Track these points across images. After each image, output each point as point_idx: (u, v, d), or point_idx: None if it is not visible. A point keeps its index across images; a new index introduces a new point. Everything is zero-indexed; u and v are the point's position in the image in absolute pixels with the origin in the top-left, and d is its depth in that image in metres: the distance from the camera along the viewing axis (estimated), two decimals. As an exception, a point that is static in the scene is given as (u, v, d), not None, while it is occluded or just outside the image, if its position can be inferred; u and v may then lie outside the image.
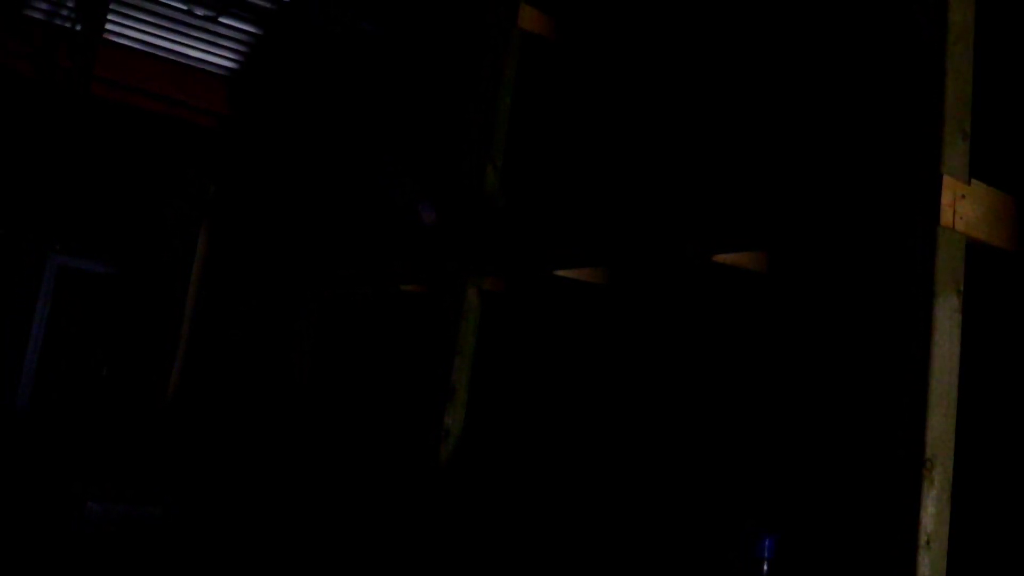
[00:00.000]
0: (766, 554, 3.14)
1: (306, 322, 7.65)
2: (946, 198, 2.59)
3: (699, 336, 3.93)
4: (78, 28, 8.40)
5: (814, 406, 3.34)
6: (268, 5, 8.39)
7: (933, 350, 2.51)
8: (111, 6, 8.33)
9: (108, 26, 8.62)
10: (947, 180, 2.60)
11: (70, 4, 8.35)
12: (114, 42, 8.92)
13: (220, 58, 9.33)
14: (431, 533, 4.74)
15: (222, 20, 8.62)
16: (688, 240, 3.53)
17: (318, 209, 7.90)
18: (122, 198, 10.47)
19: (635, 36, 4.67)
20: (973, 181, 2.68)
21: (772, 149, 3.59)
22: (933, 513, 2.42)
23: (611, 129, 4.65)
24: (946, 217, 2.58)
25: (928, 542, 2.39)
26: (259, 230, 9.11)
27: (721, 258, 3.31)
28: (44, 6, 8.45)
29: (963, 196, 2.63)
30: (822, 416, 3.29)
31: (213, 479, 7.91)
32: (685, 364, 3.96)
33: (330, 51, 7.99)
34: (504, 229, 4.85)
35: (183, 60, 9.29)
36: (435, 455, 4.78)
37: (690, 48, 4.24)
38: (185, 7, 8.38)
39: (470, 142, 5.52)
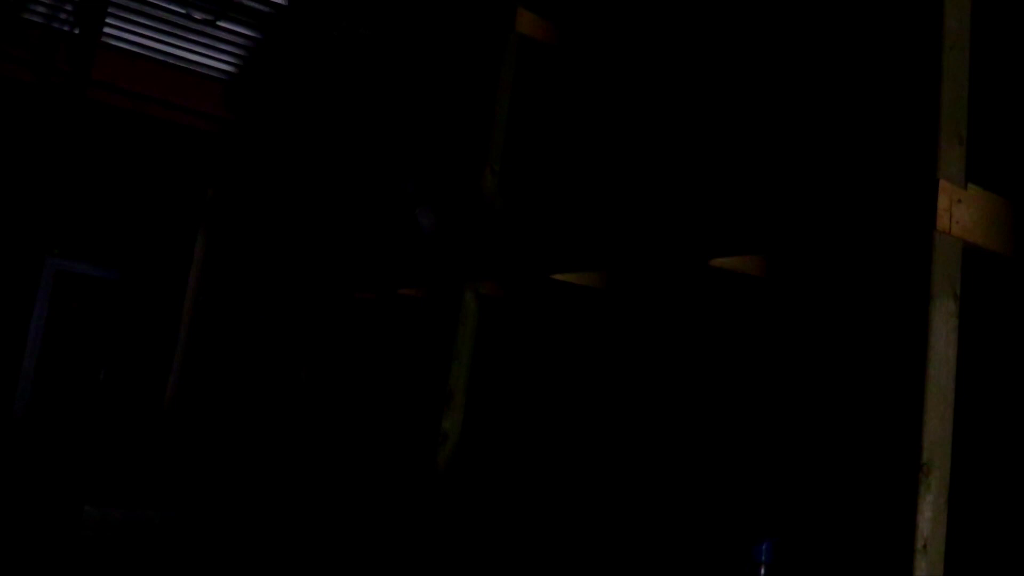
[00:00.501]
0: (763, 558, 3.14)
1: (304, 326, 7.65)
2: (942, 202, 2.60)
3: (697, 340, 3.94)
4: (76, 31, 8.41)
5: (811, 410, 3.34)
6: (266, 9, 8.40)
7: (930, 354, 2.52)
8: (109, 10, 8.33)
9: (106, 29, 8.63)
10: (943, 184, 2.61)
11: (68, 7, 8.36)
12: (112, 45, 8.93)
13: (218, 62, 9.34)
14: (429, 537, 4.73)
15: (220, 24, 8.63)
16: (686, 244, 3.53)
17: (316, 213, 7.90)
18: (120, 202, 10.47)
19: (633, 41, 4.68)
20: (970, 185, 2.68)
21: (770, 154, 3.60)
22: (930, 517, 2.43)
23: (609, 133, 4.66)
24: (942, 221, 2.59)
25: (925, 546, 2.40)
26: (257, 234, 9.11)
27: (719, 262, 3.32)
28: (42, 9, 8.45)
29: (959, 200, 2.64)
30: (819, 420, 3.29)
31: (211, 483, 7.90)
32: (683, 368, 3.96)
33: (328, 55, 8.00)
34: (502, 233, 4.86)
35: (181, 64, 9.30)
36: (433, 459, 4.78)
37: (688, 53, 4.25)
38: (183, 11, 8.38)
39: (468, 146, 5.53)
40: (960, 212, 2.63)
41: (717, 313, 3.86)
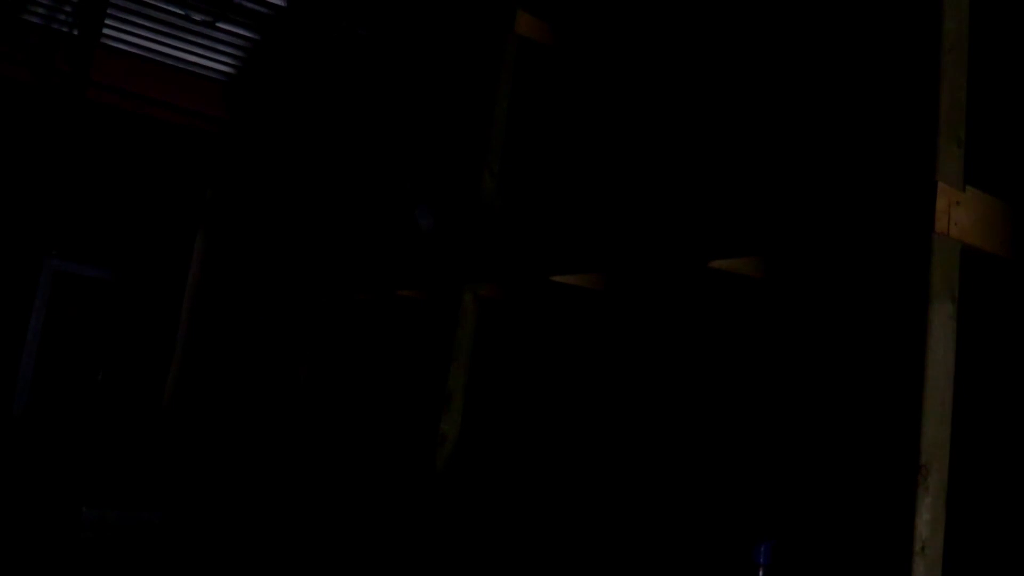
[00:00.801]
0: (762, 559, 3.14)
1: (303, 327, 7.64)
2: (941, 204, 2.60)
3: (695, 342, 3.94)
4: (75, 33, 8.41)
5: (810, 411, 3.34)
6: (265, 11, 8.40)
7: (928, 356, 2.52)
8: (109, 11, 8.33)
9: (105, 31, 8.63)
10: (942, 187, 2.61)
11: (68, 8, 8.36)
12: (111, 47, 8.93)
13: (217, 63, 9.34)
14: (428, 538, 4.73)
15: (219, 25, 8.63)
16: (685, 246, 3.54)
17: (315, 214, 7.90)
18: (119, 203, 10.46)
19: (632, 42, 4.69)
20: (968, 188, 2.69)
21: (769, 156, 3.60)
22: (928, 519, 2.43)
23: (608, 135, 4.66)
24: (941, 223, 2.59)
25: (923, 548, 2.40)
26: (256, 235, 9.11)
27: (718, 264, 3.32)
28: (42, 10, 8.45)
29: (958, 202, 2.64)
30: (818, 422, 3.29)
31: (210, 484, 7.89)
32: (682, 369, 3.97)
33: (327, 56, 8.00)
34: (501, 234, 4.86)
35: (180, 65, 9.30)
36: (432, 461, 4.78)
37: (686, 55, 4.25)
38: (182, 12, 8.39)
39: (467, 147, 5.53)
40: (958, 214, 2.63)
41: (716, 315, 3.86)
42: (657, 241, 3.71)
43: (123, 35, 8.87)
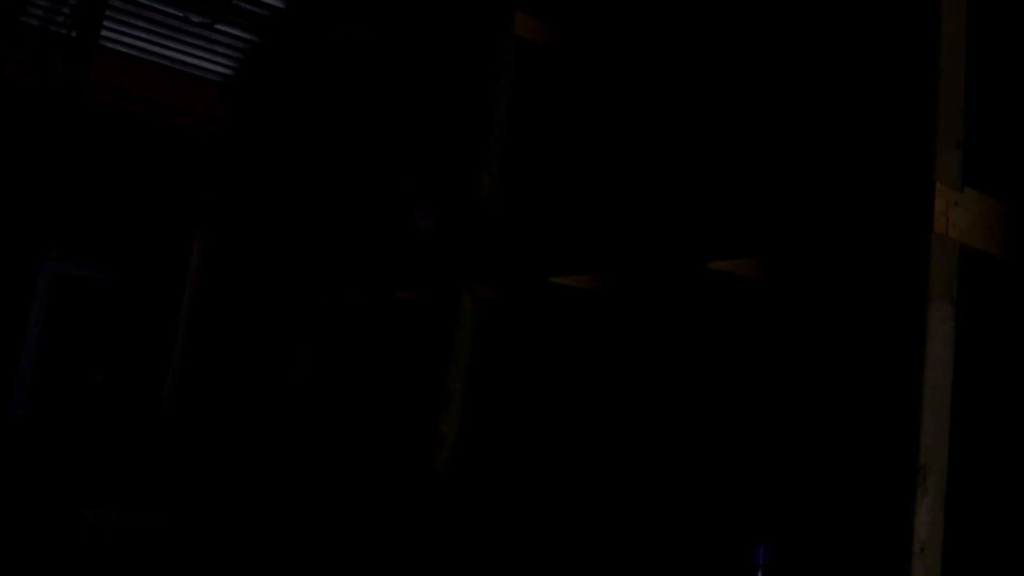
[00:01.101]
0: (761, 560, 3.14)
1: (302, 328, 7.64)
2: (939, 205, 2.60)
3: (694, 343, 3.94)
4: (74, 34, 8.41)
5: (809, 412, 3.34)
6: (263, 12, 8.40)
7: (927, 357, 2.52)
8: (107, 12, 8.33)
9: (104, 32, 8.63)
10: (940, 188, 2.61)
11: (66, 10, 8.36)
12: (110, 48, 8.93)
13: (216, 64, 9.35)
14: (428, 539, 4.73)
15: (218, 27, 8.63)
16: (684, 247, 3.53)
17: (313, 215, 7.90)
18: (117, 205, 10.45)
19: (631, 43, 4.69)
20: (966, 188, 2.69)
21: (768, 157, 3.60)
22: (927, 521, 2.42)
23: (607, 136, 4.66)
24: (939, 224, 2.59)
25: (922, 550, 2.40)
26: (255, 236, 9.11)
27: (717, 265, 3.32)
28: (40, 12, 8.46)
29: (956, 203, 2.64)
30: (817, 422, 3.29)
31: (209, 485, 7.89)
32: (681, 370, 3.97)
33: (325, 58, 8.00)
34: (500, 236, 4.86)
35: (179, 66, 9.30)
36: (431, 462, 4.78)
37: (685, 56, 4.25)
38: (181, 14, 8.39)
39: (466, 148, 5.53)
40: (957, 215, 2.63)
41: (715, 316, 3.86)
42: (656, 242, 3.71)
43: (121, 36, 8.88)
